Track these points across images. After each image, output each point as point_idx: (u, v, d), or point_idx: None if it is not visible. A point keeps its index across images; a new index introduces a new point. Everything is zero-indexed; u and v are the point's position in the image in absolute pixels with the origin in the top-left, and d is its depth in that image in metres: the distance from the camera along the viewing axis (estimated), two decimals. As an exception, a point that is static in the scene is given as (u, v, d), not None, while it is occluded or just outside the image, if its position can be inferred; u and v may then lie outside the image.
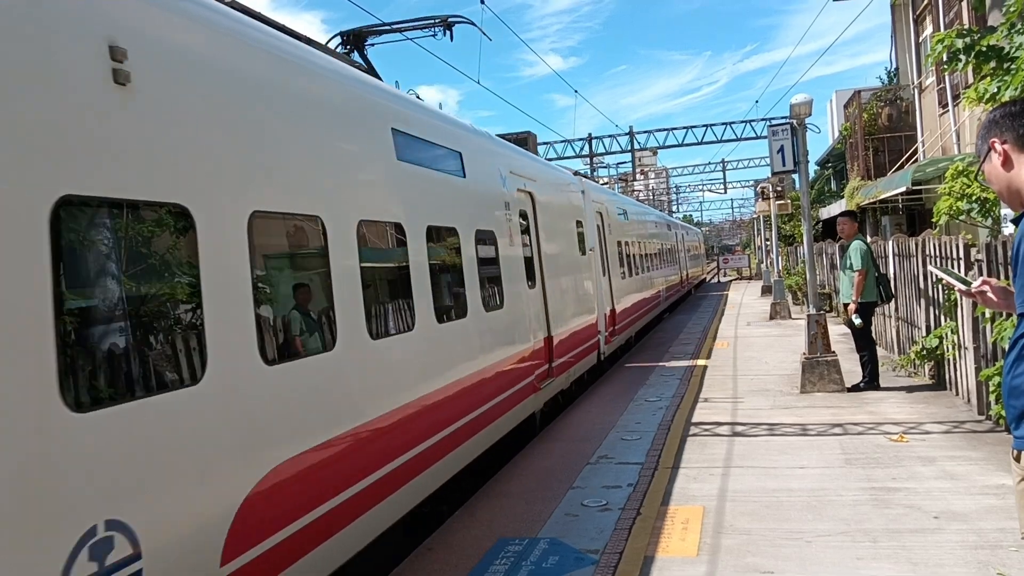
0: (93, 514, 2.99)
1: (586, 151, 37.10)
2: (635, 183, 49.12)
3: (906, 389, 10.03)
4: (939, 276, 3.33)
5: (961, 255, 8.59)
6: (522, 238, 9.26)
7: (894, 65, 23.10)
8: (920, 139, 19.21)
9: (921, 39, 19.01)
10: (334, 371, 4.77)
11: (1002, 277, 7.15)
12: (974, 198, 8.49)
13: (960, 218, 8.89)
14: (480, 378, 7.20)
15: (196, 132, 3.80)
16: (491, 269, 7.91)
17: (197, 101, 3.85)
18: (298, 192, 4.64)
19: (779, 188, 26.99)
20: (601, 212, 15.03)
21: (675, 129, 36.44)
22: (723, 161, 51.64)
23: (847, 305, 10.33)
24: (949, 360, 9.47)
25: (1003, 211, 8.59)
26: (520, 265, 8.95)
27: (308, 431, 4.39)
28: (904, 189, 15.50)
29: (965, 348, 8.66)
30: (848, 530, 5.44)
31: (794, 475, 6.78)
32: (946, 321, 9.34)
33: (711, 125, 35.80)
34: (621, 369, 14.00)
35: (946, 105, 16.38)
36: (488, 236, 7.95)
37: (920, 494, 6.06)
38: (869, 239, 15.07)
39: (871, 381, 10.21)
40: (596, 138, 37.40)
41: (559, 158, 34.77)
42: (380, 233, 5.81)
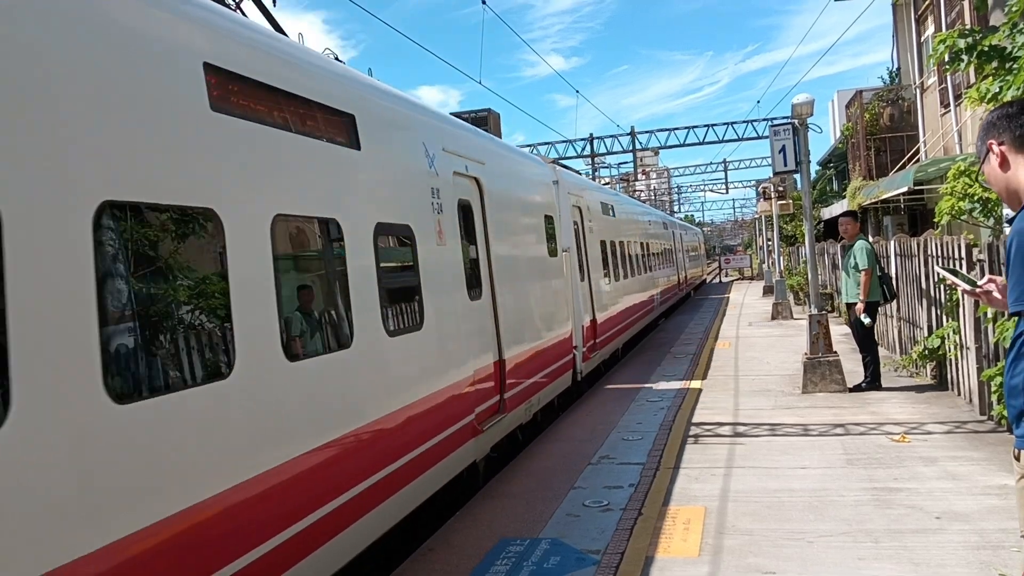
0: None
1: (588, 151, 37.16)
2: (637, 183, 49.17)
3: (908, 389, 10.03)
4: (945, 276, 3.35)
5: (963, 255, 8.59)
6: (461, 236, 7.30)
7: (896, 65, 23.09)
8: (922, 139, 19.20)
9: (923, 39, 19.02)
10: None
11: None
12: (976, 198, 8.49)
13: (962, 218, 8.88)
14: (367, 433, 5.05)
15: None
16: (403, 277, 6.11)
17: None
18: None
19: (781, 188, 27.00)
20: (580, 207, 13.04)
21: (677, 129, 36.43)
22: (725, 161, 51.79)
23: (852, 305, 10.33)
24: (951, 360, 9.46)
25: (1005, 211, 8.58)
26: (456, 271, 7.04)
27: None
28: (906, 189, 15.49)
29: (967, 348, 8.66)
30: (850, 530, 5.44)
31: (796, 475, 6.78)
32: (948, 321, 9.33)
33: (713, 125, 35.77)
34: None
35: (948, 105, 16.38)
36: (400, 232, 6.06)
37: (922, 494, 6.05)
38: (871, 239, 15.06)
39: (873, 381, 10.21)
40: (598, 138, 37.48)
41: (561, 158, 34.73)
42: (162, 225, 3.68)
